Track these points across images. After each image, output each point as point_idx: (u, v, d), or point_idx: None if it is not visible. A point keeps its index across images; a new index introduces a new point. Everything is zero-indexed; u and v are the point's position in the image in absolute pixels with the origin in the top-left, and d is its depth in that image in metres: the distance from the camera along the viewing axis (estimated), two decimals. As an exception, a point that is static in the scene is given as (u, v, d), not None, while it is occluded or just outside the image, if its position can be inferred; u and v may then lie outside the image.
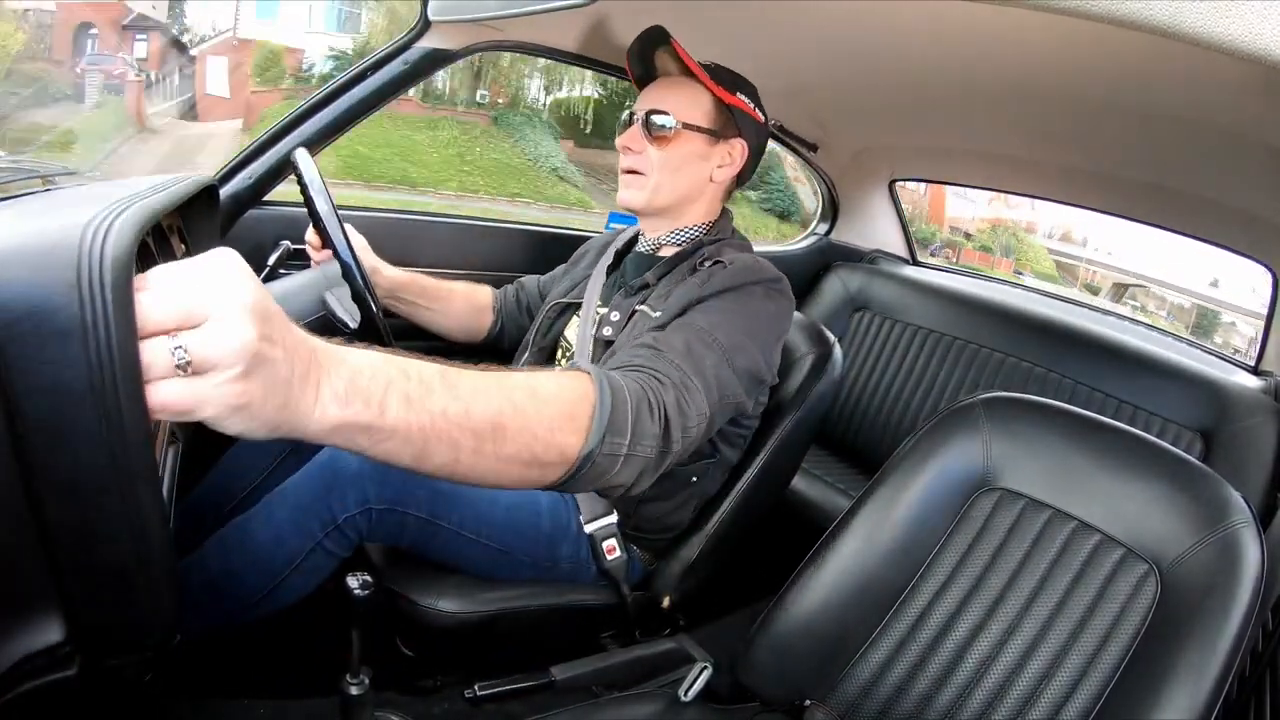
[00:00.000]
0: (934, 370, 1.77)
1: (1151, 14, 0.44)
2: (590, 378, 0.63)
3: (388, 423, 0.47)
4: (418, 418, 0.48)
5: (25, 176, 0.86)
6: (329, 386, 0.44)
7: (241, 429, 0.41)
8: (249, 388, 0.40)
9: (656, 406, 0.69)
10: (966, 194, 8.46)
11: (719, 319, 0.85)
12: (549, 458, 0.58)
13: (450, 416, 0.50)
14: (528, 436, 0.55)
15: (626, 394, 0.65)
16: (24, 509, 0.44)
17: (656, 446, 0.68)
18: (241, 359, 0.39)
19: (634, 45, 1.03)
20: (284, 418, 0.42)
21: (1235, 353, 1.81)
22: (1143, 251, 8.69)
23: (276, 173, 1.22)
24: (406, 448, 0.49)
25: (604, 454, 0.62)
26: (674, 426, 0.70)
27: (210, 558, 0.88)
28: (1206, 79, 0.96)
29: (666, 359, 0.75)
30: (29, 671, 0.47)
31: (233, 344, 0.38)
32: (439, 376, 0.51)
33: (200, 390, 0.39)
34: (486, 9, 1.14)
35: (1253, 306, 6.75)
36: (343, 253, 0.95)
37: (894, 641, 0.81)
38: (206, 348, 0.38)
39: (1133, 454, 0.80)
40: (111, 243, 0.43)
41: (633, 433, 0.64)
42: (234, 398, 0.39)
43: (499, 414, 0.53)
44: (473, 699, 0.94)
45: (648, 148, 1.00)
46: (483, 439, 0.52)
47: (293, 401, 0.42)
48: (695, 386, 0.75)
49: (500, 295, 1.31)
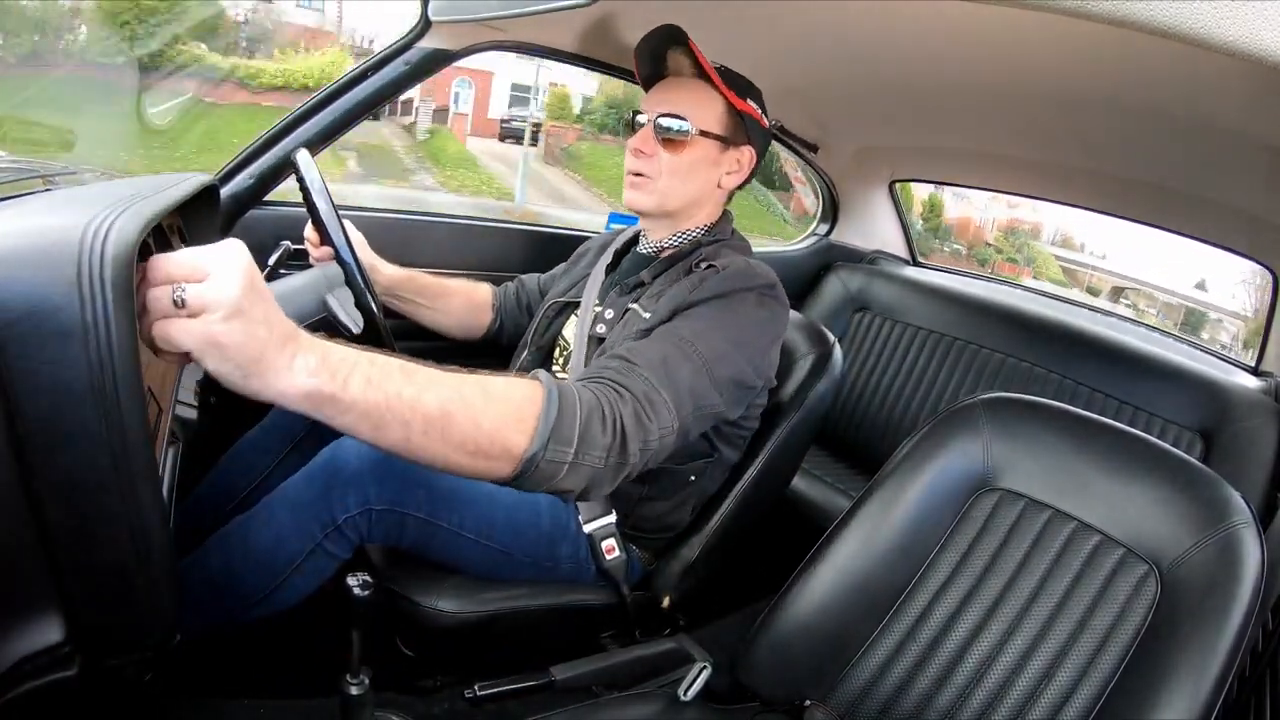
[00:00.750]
0: (934, 371, 1.77)
1: (1151, 14, 0.44)
2: (541, 385, 0.67)
3: (349, 396, 0.55)
4: (375, 396, 0.56)
5: (25, 176, 0.86)
6: (303, 359, 0.53)
7: (216, 367, 0.50)
8: (228, 329, 0.49)
9: (611, 419, 0.70)
10: (969, 195, 8.49)
11: (703, 327, 0.85)
12: (493, 451, 0.63)
13: (404, 399, 0.58)
14: (472, 428, 0.61)
15: (578, 404, 0.68)
16: (24, 509, 0.44)
17: (607, 458, 0.70)
18: (227, 307, 0.49)
19: (646, 42, 1.00)
20: (257, 370, 0.51)
21: (1222, 348, 1.81)
22: (1134, 253, 9.00)
23: (277, 173, 1.22)
24: (364, 422, 0.56)
25: (547, 459, 0.65)
26: (630, 439, 0.71)
27: (210, 558, 0.88)
28: (1207, 79, 0.96)
29: (636, 373, 0.76)
30: (29, 671, 0.47)
31: (223, 294, 0.49)
32: (399, 366, 0.59)
33: (188, 325, 0.49)
34: (487, 9, 1.14)
35: (1233, 307, 7.00)
36: (343, 253, 0.95)
37: (894, 641, 0.81)
38: (202, 294, 0.49)
39: (1133, 455, 0.80)
40: (112, 243, 0.43)
41: (580, 441, 0.67)
42: (214, 335, 0.49)
43: (447, 403, 0.60)
44: (473, 699, 0.94)
45: (659, 151, 0.98)
46: (431, 423, 0.59)
47: (268, 359, 0.51)
48: (662, 400, 0.76)
49: (500, 293, 1.31)
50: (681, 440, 0.81)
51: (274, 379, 0.52)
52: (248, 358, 0.50)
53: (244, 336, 0.50)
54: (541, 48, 1.35)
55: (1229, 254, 1.59)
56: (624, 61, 1.40)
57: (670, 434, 0.77)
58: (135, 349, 0.45)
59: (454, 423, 0.60)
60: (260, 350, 0.51)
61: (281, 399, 0.53)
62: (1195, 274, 8.13)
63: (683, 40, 0.96)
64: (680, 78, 1.01)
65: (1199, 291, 8.29)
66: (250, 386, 0.52)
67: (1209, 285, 8.00)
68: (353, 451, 0.89)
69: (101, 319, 0.42)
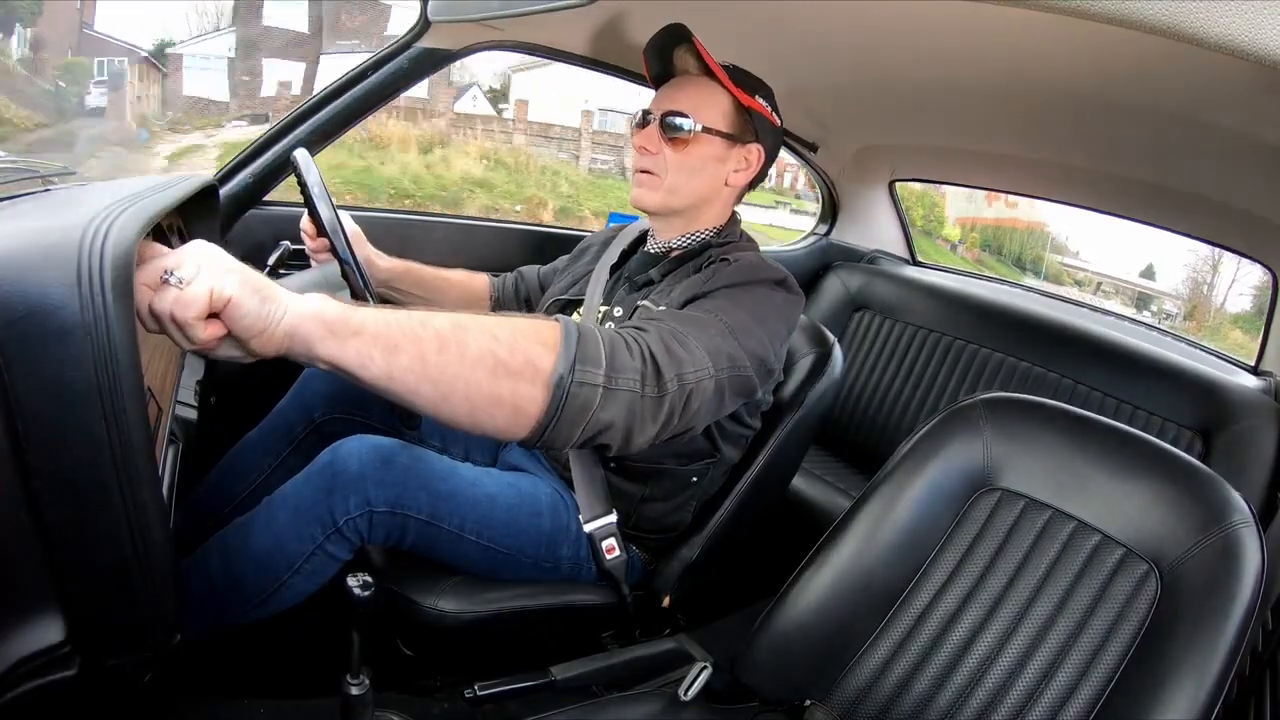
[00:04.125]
0: (934, 370, 1.77)
1: (1151, 14, 0.44)
2: (553, 318, 0.66)
3: (358, 317, 0.56)
4: (384, 318, 0.57)
5: (25, 177, 0.86)
6: (303, 300, 0.56)
7: (230, 313, 0.52)
8: (228, 277, 0.52)
9: (635, 344, 0.68)
10: (972, 197, 8.55)
11: (725, 304, 0.84)
12: (516, 365, 0.60)
13: (414, 318, 0.58)
14: (489, 340, 0.59)
15: (599, 333, 0.66)
16: (24, 509, 0.44)
17: (643, 384, 0.67)
18: (216, 268, 0.53)
19: (653, 40, 1.00)
20: (270, 295, 0.54)
21: (1168, 317, 1.83)
22: (1083, 242, 9.46)
23: (276, 173, 1.22)
24: (376, 345, 0.56)
25: (578, 381, 0.62)
26: (663, 366, 0.69)
27: (211, 560, 0.88)
28: (1207, 79, 0.96)
29: (656, 325, 0.74)
30: (29, 671, 0.47)
31: (205, 256, 0.53)
32: (404, 306, 0.61)
33: (193, 288, 0.51)
34: (487, 9, 1.14)
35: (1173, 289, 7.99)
36: (343, 253, 0.95)
37: (894, 641, 0.80)
38: (188, 267, 0.52)
39: (1133, 454, 0.80)
40: (111, 243, 0.43)
41: (610, 364, 0.64)
42: (219, 284, 0.52)
43: (459, 318, 0.60)
44: (473, 699, 0.94)
45: (664, 149, 0.98)
46: (445, 339, 0.57)
47: (269, 299, 0.54)
48: (689, 337, 0.73)
49: (498, 284, 1.29)
50: (720, 406, 0.79)
51: (285, 302, 0.55)
52: (253, 289, 0.53)
53: (242, 273, 0.54)
54: (541, 48, 1.35)
55: (1229, 253, 1.59)
56: (623, 61, 1.40)
57: (707, 378, 0.74)
58: (135, 349, 0.45)
59: (470, 335, 0.58)
60: (263, 283, 0.54)
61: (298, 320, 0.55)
62: (1140, 260, 8.83)
63: (687, 38, 0.96)
64: (687, 76, 1.01)
65: (1146, 280, 8.90)
66: (265, 310, 0.54)
67: (1155, 269, 8.75)
68: (354, 453, 0.89)
69: (101, 319, 0.42)
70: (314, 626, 0.95)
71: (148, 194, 0.59)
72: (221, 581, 0.87)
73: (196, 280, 0.52)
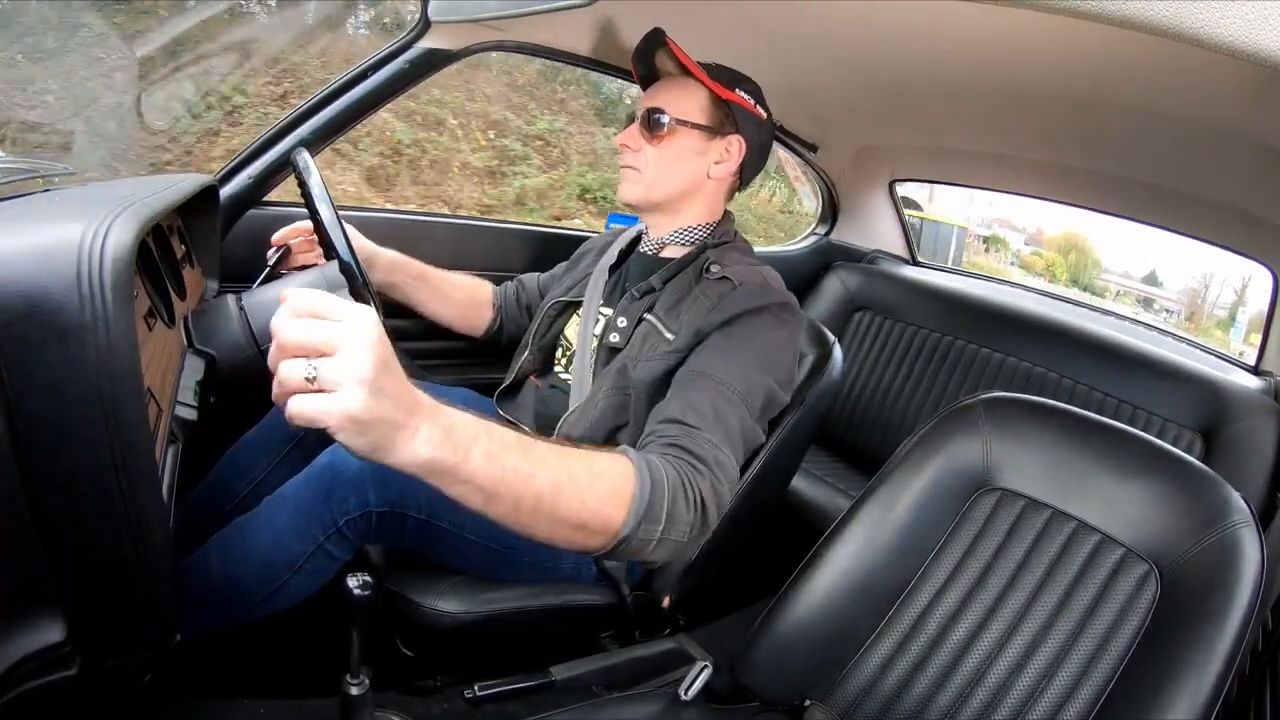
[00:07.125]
0: (934, 370, 1.77)
1: (1151, 14, 0.44)
2: (631, 463, 0.70)
3: (469, 469, 0.57)
4: (493, 470, 0.58)
5: (25, 177, 0.86)
6: (427, 430, 0.54)
7: (347, 440, 0.51)
8: (364, 409, 0.50)
9: (693, 496, 0.73)
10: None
11: (734, 357, 0.87)
12: (595, 525, 0.66)
13: (520, 474, 0.60)
14: (578, 503, 0.64)
15: (665, 482, 0.71)
16: (24, 508, 0.44)
17: (691, 532, 0.74)
18: (361, 385, 0.49)
19: (637, 48, 1.05)
20: (384, 444, 0.52)
21: (1169, 315, 1.84)
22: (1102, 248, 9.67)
23: (276, 173, 1.22)
24: (478, 493, 0.58)
25: (639, 538, 0.69)
26: (710, 510, 0.75)
27: (211, 560, 0.88)
28: (1206, 79, 0.96)
29: (701, 438, 0.78)
30: (29, 671, 0.47)
31: (356, 372, 0.49)
32: (516, 439, 0.61)
33: (324, 405, 0.49)
34: (487, 9, 1.14)
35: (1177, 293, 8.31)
36: (343, 254, 0.95)
37: (894, 641, 0.80)
38: (335, 372, 0.49)
39: (1133, 454, 0.80)
40: (112, 243, 0.43)
41: (667, 519, 0.70)
42: (350, 414, 0.49)
43: (558, 479, 0.62)
44: (473, 699, 0.94)
45: (644, 144, 1.02)
46: (542, 500, 0.61)
47: (394, 431, 0.52)
48: (727, 458, 0.79)
49: (500, 293, 1.32)
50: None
51: (399, 451, 0.53)
52: (379, 434, 0.52)
53: (376, 414, 0.50)
54: (541, 48, 1.35)
55: (1228, 253, 1.59)
56: (623, 61, 1.40)
57: (735, 482, 0.81)
58: (135, 349, 0.45)
59: (563, 499, 0.62)
60: (389, 426, 0.52)
61: (402, 467, 0.54)
62: (1146, 265, 9.06)
63: (663, 41, 1.01)
64: (670, 76, 1.05)
65: (1149, 286, 9.10)
66: (375, 457, 0.53)
67: (1159, 273, 8.99)
68: None
69: (101, 319, 0.42)
70: (314, 626, 0.95)
71: (147, 194, 0.59)
72: (221, 581, 0.86)
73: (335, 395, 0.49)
